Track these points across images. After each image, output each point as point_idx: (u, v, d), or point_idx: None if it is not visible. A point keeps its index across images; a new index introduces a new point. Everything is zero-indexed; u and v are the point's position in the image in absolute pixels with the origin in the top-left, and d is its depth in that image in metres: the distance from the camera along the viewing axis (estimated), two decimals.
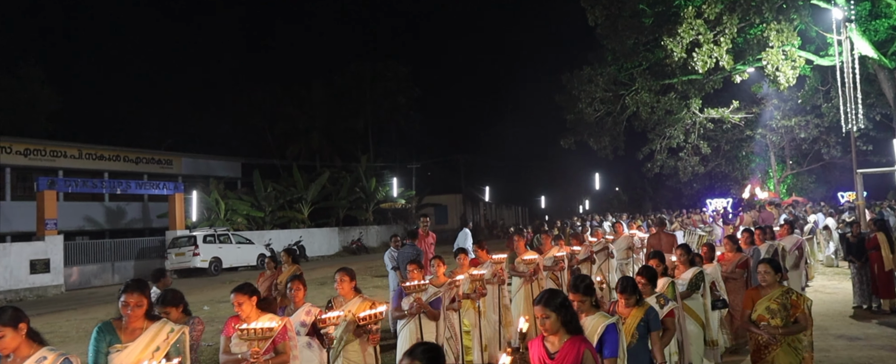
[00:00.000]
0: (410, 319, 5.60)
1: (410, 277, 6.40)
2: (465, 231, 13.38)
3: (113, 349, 3.52)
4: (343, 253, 31.30)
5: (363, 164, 36.03)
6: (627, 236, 11.37)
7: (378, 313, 4.59)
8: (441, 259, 6.51)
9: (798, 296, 4.83)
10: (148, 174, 29.90)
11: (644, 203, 48.38)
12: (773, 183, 31.89)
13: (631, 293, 4.39)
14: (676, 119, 25.07)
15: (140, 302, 3.64)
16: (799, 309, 4.75)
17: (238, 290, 4.32)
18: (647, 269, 4.99)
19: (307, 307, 4.88)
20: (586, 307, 3.75)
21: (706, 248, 7.22)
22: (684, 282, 6.07)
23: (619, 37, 21.61)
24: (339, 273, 5.07)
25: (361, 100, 41.66)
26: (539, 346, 3.38)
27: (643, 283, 4.78)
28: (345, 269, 5.13)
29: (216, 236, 23.06)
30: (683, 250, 6.37)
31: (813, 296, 11.02)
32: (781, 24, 17.22)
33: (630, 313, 4.32)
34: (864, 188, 17.22)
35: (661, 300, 4.73)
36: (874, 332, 8.13)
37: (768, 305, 4.81)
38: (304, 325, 4.79)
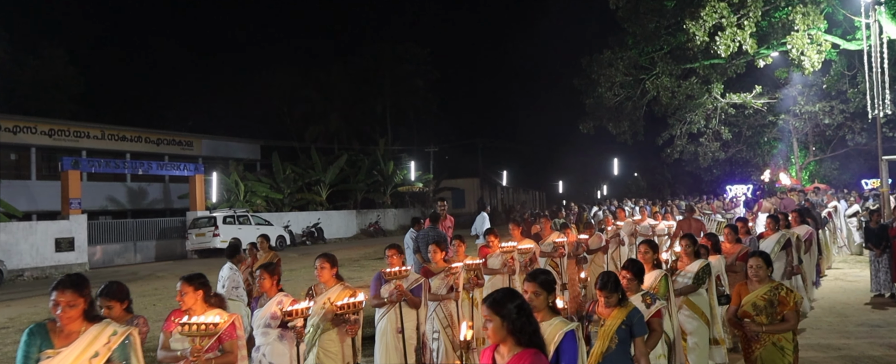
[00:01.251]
0: (390, 308, 5.33)
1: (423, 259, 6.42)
2: (482, 215, 13.40)
3: (43, 355, 3.01)
4: (361, 236, 31.54)
5: (381, 147, 36.14)
6: (629, 222, 11.08)
7: (357, 302, 4.35)
8: (462, 239, 6.44)
9: (787, 292, 4.52)
10: (169, 155, 30.25)
11: (663, 189, 47.99)
12: (795, 169, 31.43)
13: (611, 290, 3.92)
14: (697, 104, 24.72)
15: (73, 301, 3.06)
16: (787, 306, 4.45)
17: (185, 279, 3.93)
18: (634, 263, 4.54)
19: (279, 298, 4.57)
20: (541, 305, 3.25)
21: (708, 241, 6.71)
22: (689, 275, 5.61)
23: (641, 20, 21.31)
24: (320, 259, 4.87)
25: (380, 82, 41.66)
26: (488, 357, 2.87)
27: (628, 278, 4.36)
28: (325, 255, 4.94)
29: (236, 217, 23.34)
30: (689, 241, 5.79)
31: (833, 284, 10.94)
32: (808, 7, 16.85)
33: (610, 314, 3.90)
34: (888, 175, 16.93)
35: (648, 299, 4.30)
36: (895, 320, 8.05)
37: (755, 301, 4.54)
38: (276, 318, 4.47)
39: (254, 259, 8.13)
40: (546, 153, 52.28)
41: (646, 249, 5.13)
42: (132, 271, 19.10)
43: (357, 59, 42.65)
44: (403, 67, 41.99)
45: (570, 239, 8.63)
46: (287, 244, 25.07)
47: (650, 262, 5.08)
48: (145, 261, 22.73)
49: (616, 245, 10.02)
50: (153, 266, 20.84)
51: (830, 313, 8.58)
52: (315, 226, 28.48)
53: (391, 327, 5.35)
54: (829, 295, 9.91)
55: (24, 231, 18.79)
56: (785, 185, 26.79)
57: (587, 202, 30.42)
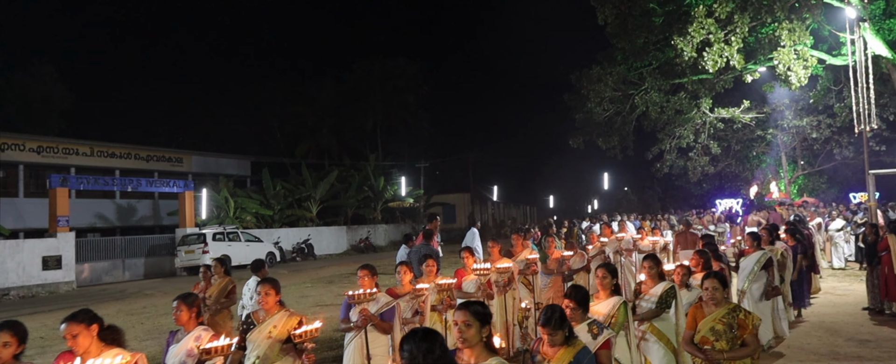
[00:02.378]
0: (358, 333, 4.98)
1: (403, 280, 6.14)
2: (472, 230, 13.35)
3: None
4: (351, 251, 31.40)
5: (372, 163, 36.12)
6: (614, 239, 10.59)
7: (313, 329, 3.94)
8: (409, 266, 5.93)
9: (746, 315, 4.22)
10: (158, 172, 30.10)
11: (653, 203, 48.18)
12: (783, 183, 31.67)
13: (556, 327, 3.37)
14: (686, 119, 24.92)
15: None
16: (747, 330, 4.15)
17: (70, 318, 3.44)
18: (577, 290, 4.07)
19: (197, 332, 4.08)
20: (473, 339, 2.86)
21: (696, 256, 6.57)
22: (653, 298, 5.17)
23: (629, 36, 21.49)
24: (263, 285, 4.48)
25: (370, 98, 41.75)
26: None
27: (572, 307, 3.89)
28: (269, 280, 4.57)
29: (225, 234, 23.20)
30: (652, 262, 5.37)
31: (824, 298, 10.97)
32: (794, 24, 17.07)
33: (555, 355, 3.39)
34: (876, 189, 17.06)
35: (595, 328, 3.86)
36: (885, 335, 8.06)
37: (713, 326, 4.22)
38: (192, 356, 3.93)
39: (208, 284, 7.47)
40: (537, 168, 52.49)
41: (603, 274, 4.72)
42: (120, 289, 18.89)
43: (348, 74, 42.82)
44: (394, 83, 42.12)
45: (553, 255, 8.34)
46: (277, 261, 24.91)
47: (608, 287, 4.68)
48: (134, 278, 22.50)
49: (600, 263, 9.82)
50: (142, 284, 20.63)
51: (820, 328, 8.59)
52: (305, 242, 28.34)
53: (359, 354, 4.99)
54: (819, 310, 9.93)
55: (10, 249, 18.56)
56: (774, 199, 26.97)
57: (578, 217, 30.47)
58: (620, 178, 49.58)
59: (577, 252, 8.83)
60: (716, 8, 18.02)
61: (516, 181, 50.94)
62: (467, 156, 46.20)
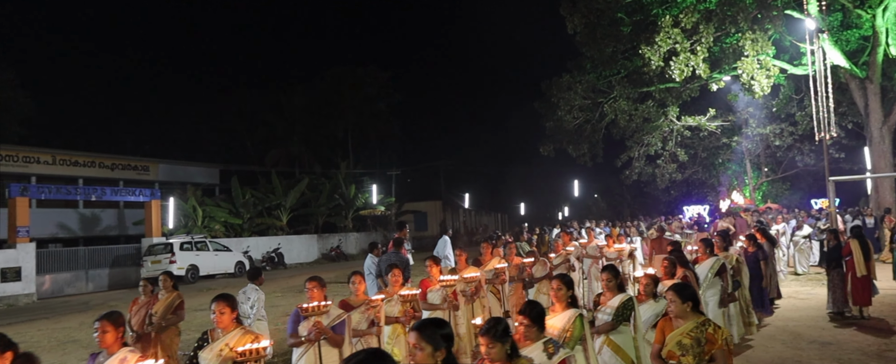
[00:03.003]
0: (309, 347, 4.82)
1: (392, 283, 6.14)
2: (444, 238, 13.39)
3: None
4: (322, 260, 31.12)
5: (343, 171, 35.91)
6: (578, 246, 10.40)
7: (260, 348, 3.77)
8: (361, 275, 5.73)
9: (715, 328, 4.00)
10: (124, 180, 29.50)
11: (622, 210, 48.77)
12: (748, 190, 32.34)
13: (495, 338, 3.08)
14: (654, 126, 25.35)
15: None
16: (715, 344, 3.92)
17: None
18: (532, 307, 3.74)
19: (122, 354, 3.88)
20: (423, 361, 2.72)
21: (666, 262, 6.58)
22: (609, 311, 4.95)
23: (598, 45, 21.82)
24: (217, 303, 4.20)
25: (341, 106, 41.57)
26: None
27: (526, 324, 3.61)
28: (223, 297, 4.28)
29: (193, 243, 22.81)
30: (610, 273, 5.11)
31: (786, 302, 11.18)
32: (756, 34, 17.52)
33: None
34: (836, 195, 17.54)
35: (550, 347, 3.56)
36: (845, 338, 8.26)
37: (680, 340, 4.01)
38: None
39: (154, 299, 6.97)
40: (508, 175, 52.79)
41: (558, 286, 4.45)
42: (83, 301, 18.42)
43: (318, 82, 42.57)
44: (365, 91, 42.03)
45: (513, 262, 8.22)
46: (247, 270, 24.56)
47: (564, 299, 4.44)
48: (98, 290, 21.95)
49: (565, 271, 9.33)
50: (106, 295, 20.14)
51: (784, 332, 8.77)
52: (275, 251, 28.01)
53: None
54: (783, 314, 10.13)
55: None
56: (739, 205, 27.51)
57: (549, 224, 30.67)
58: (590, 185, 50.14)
59: (540, 260, 8.69)
60: (682, 18, 18.42)
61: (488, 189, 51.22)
62: (439, 163, 46.27)
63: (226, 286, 20.27)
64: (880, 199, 18.60)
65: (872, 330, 8.66)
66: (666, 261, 6.55)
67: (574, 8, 21.71)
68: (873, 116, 18.35)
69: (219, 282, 22.11)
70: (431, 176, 46.43)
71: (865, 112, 18.67)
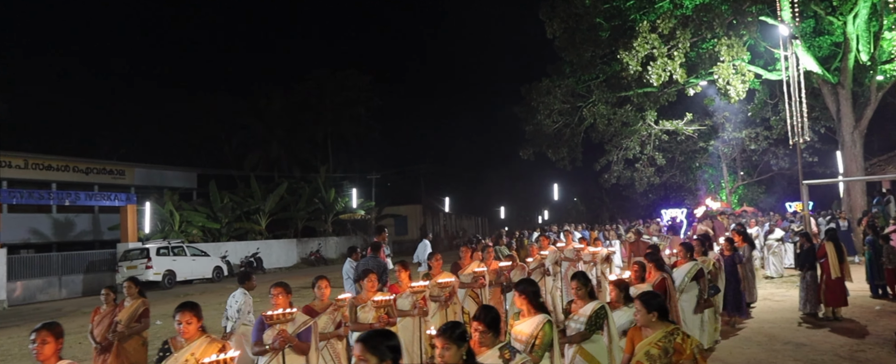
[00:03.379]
0: (274, 356, 4.69)
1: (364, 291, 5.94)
2: (424, 242, 13.38)
3: None
4: (301, 265, 30.92)
5: (322, 175, 35.74)
6: (554, 250, 10.26)
7: (228, 359, 3.59)
8: (326, 279, 5.59)
9: (684, 338, 3.89)
10: (99, 185, 29.05)
11: (601, 213, 49.13)
12: (725, 193, 32.78)
13: (451, 339, 3.05)
14: (632, 131, 25.59)
15: None
16: (684, 354, 3.82)
17: None
18: (487, 311, 3.63)
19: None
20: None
21: (636, 266, 6.50)
22: (581, 319, 4.77)
23: (577, 49, 21.97)
24: (182, 312, 3.97)
25: (321, 110, 41.38)
26: None
27: (481, 330, 3.51)
28: (189, 305, 4.05)
29: (170, 248, 22.53)
30: (580, 281, 4.95)
31: (762, 304, 11.34)
32: (732, 40, 17.77)
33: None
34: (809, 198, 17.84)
35: (506, 353, 3.50)
36: (819, 339, 8.40)
37: (648, 350, 3.92)
38: None
39: (118, 307, 6.68)
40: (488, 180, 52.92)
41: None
42: (56, 307, 18.08)
43: (298, 86, 42.34)
44: (345, 95, 41.89)
45: (491, 267, 8.12)
46: (225, 275, 24.32)
47: (531, 306, 4.29)
48: (72, 296, 21.56)
49: (541, 276, 9.22)
50: (80, 301, 19.78)
51: (759, 334, 8.89)
52: (254, 255, 27.77)
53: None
54: (758, 315, 10.27)
55: None
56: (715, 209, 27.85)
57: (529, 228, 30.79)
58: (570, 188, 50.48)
59: (518, 264, 8.60)
60: (659, 24, 18.63)
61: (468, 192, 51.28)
62: (419, 167, 46.28)
63: (204, 291, 20.02)
64: (852, 202, 18.95)
65: (845, 331, 8.82)
66: (636, 265, 6.46)
67: (553, 13, 21.86)
68: (845, 121, 18.69)
69: (196, 287, 21.86)
70: (412, 180, 46.42)
71: (837, 117, 19.01)
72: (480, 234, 43.09)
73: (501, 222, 48.72)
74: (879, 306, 10.64)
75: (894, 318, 9.47)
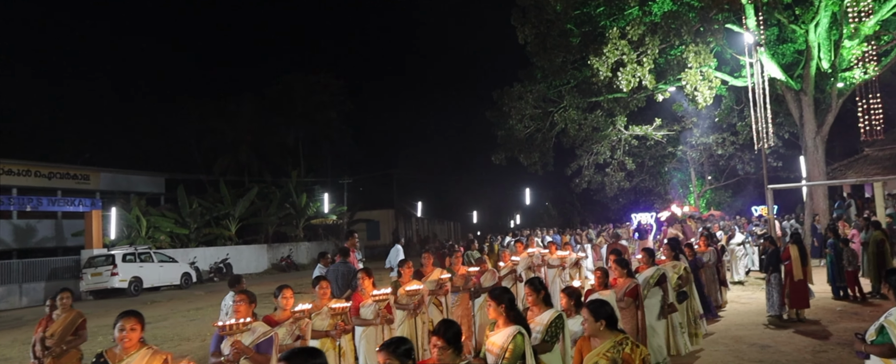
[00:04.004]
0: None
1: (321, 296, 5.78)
2: (396, 247, 13.33)
3: None
4: (272, 270, 30.57)
5: (293, 180, 35.41)
6: (526, 256, 10.14)
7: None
8: (290, 288, 5.36)
9: (633, 347, 3.78)
10: (62, 190, 28.35)
11: (573, 218, 49.55)
12: (693, 197, 33.32)
13: (395, 355, 2.94)
14: (603, 136, 25.89)
15: None
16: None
17: None
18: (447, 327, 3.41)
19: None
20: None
21: (599, 273, 6.39)
22: (538, 328, 4.53)
23: (548, 55, 22.15)
24: (126, 319, 3.76)
25: (292, 114, 41.01)
26: None
27: (440, 346, 3.31)
28: (133, 313, 3.84)
29: (137, 255, 22.09)
30: (532, 287, 4.70)
31: (730, 307, 11.53)
32: (699, 47, 18.11)
33: None
34: (774, 202, 18.24)
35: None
36: (783, 340, 8.57)
37: (597, 361, 3.80)
38: None
39: (48, 320, 6.31)
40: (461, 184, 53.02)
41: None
42: (17, 316, 17.58)
43: (269, 89, 41.92)
44: (317, 98, 41.60)
45: (459, 272, 8.02)
46: (193, 281, 23.92)
47: (504, 315, 4.10)
48: (33, 304, 20.97)
49: (512, 282, 9.04)
50: (41, 310, 19.21)
51: (726, 336, 9.04)
52: (224, 261, 27.37)
53: None
54: (726, 318, 10.45)
55: None
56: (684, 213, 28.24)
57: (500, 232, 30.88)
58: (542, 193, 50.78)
59: (488, 269, 8.47)
60: (628, 30, 18.90)
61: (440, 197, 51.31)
62: (391, 172, 46.15)
63: (171, 298, 19.64)
64: (814, 205, 19.42)
65: (808, 332, 9.02)
66: (599, 271, 6.40)
67: (524, 19, 22.03)
68: (807, 127, 19.16)
69: (164, 294, 21.46)
70: (384, 184, 46.26)
71: (800, 122, 19.47)
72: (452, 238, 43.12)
73: (474, 227, 48.82)
74: (840, 307, 10.91)
75: (855, 319, 9.71)
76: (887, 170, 20.54)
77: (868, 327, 4.28)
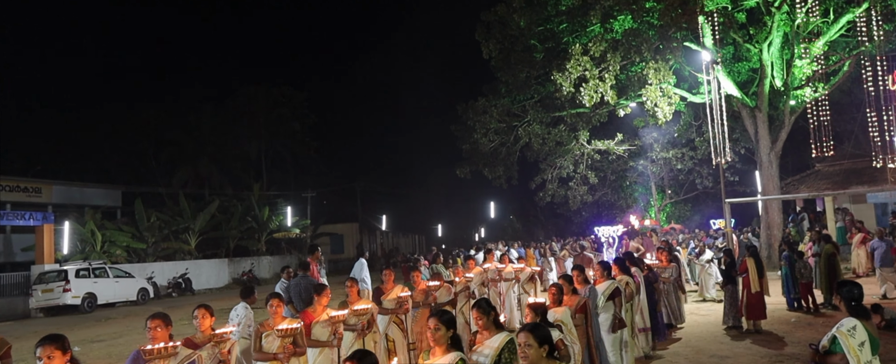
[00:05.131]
0: None
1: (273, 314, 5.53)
2: (361, 261, 13.20)
3: None
4: (233, 285, 29.95)
5: (256, 193, 34.93)
6: (480, 272, 9.87)
7: None
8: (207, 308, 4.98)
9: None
10: (11, 203, 27.33)
11: (536, 231, 49.88)
12: (653, 211, 33.91)
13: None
14: (566, 150, 26.25)
15: None
16: None
17: None
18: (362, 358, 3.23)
19: None
20: None
21: (554, 289, 6.12)
22: (488, 352, 3.98)
23: (512, 70, 22.43)
24: (44, 347, 3.59)
25: (254, 125, 40.52)
26: None
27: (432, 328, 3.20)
28: (49, 340, 3.66)
29: (91, 270, 21.41)
30: (480, 309, 4.19)
31: (689, 318, 11.71)
32: (658, 64, 18.58)
33: None
34: (732, 216, 18.71)
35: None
36: (741, 351, 8.75)
37: None
38: None
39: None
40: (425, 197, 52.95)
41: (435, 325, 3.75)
42: None
43: (229, 100, 41.33)
44: (279, 111, 41.23)
45: (419, 287, 7.83)
46: (151, 297, 23.28)
47: (443, 341, 3.75)
48: None
49: (465, 299, 8.82)
50: None
51: (686, 346, 9.19)
52: (183, 276, 26.74)
53: None
54: (687, 329, 10.63)
55: None
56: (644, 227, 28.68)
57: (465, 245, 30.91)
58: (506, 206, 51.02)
59: (444, 285, 8.29)
60: (591, 47, 19.30)
61: (405, 210, 51.11)
62: (355, 184, 45.84)
63: (127, 315, 19.08)
64: (769, 219, 19.99)
65: (765, 342, 9.23)
66: (553, 287, 6.17)
67: (489, 34, 22.29)
68: (762, 143, 19.77)
69: (119, 310, 20.83)
70: (348, 198, 45.90)
71: (755, 138, 20.08)
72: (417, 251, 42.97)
73: (439, 240, 48.77)
74: (795, 318, 11.20)
75: (809, 330, 9.98)
76: (837, 184, 21.27)
77: (821, 338, 4.39)
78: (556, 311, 5.58)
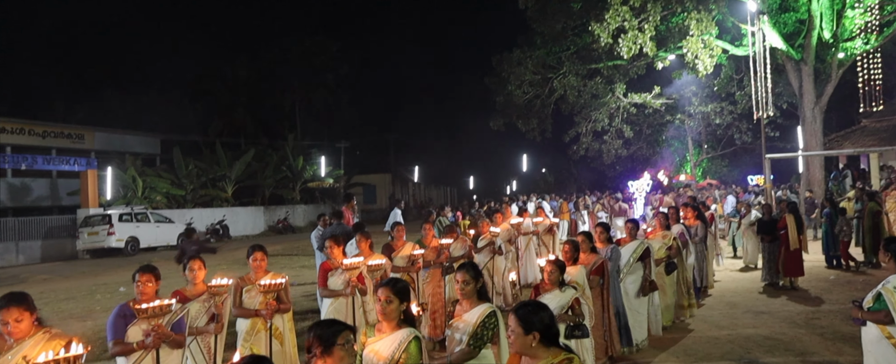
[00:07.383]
0: (144, 355, 3.92)
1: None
2: (395, 211, 13.34)
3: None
4: (269, 233, 30.68)
5: (290, 143, 35.31)
6: (507, 227, 9.40)
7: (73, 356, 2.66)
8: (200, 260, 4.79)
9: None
10: (57, 149, 28.18)
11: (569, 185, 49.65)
12: (689, 166, 33.39)
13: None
14: (602, 103, 25.78)
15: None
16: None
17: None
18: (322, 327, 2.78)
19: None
20: None
21: (568, 246, 5.56)
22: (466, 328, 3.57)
23: (548, 20, 21.89)
24: (6, 310, 3.18)
25: (288, 76, 40.65)
26: None
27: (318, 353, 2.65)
28: (14, 300, 3.23)
29: (133, 215, 22.13)
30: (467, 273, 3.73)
31: (724, 274, 11.64)
32: (701, 14, 17.90)
33: None
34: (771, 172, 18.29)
35: None
36: (777, 307, 8.69)
37: None
38: None
39: None
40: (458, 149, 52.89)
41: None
42: (13, 274, 17.65)
43: (264, 52, 41.42)
44: (313, 61, 41.18)
45: (430, 244, 7.35)
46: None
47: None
48: (29, 262, 21.06)
49: (490, 255, 8.45)
50: (38, 267, 19.34)
51: (721, 302, 9.16)
52: (220, 223, 27.44)
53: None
54: (722, 286, 10.58)
55: None
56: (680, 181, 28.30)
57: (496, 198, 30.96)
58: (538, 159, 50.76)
59: (459, 238, 7.72)
60: None
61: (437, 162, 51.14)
62: (388, 136, 45.97)
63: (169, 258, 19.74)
64: (811, 176, 19.49)
65: (802, 299, 9.14)
66: (568, 244, 5.63)
67: None
68: (806, 97, 19.10)
69: (161, 254, 21.55)
70: (381, 149, 46.13)
71: (799, 93, 19.40)
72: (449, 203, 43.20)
73: (470, 192, 48.91)
74: (834, 276, 11.05)
75: (848, 288, 9.84)
76: (884, 141, 20.55)
77: (863, 295, 4.33)
78: (571, 271, 5.13)
